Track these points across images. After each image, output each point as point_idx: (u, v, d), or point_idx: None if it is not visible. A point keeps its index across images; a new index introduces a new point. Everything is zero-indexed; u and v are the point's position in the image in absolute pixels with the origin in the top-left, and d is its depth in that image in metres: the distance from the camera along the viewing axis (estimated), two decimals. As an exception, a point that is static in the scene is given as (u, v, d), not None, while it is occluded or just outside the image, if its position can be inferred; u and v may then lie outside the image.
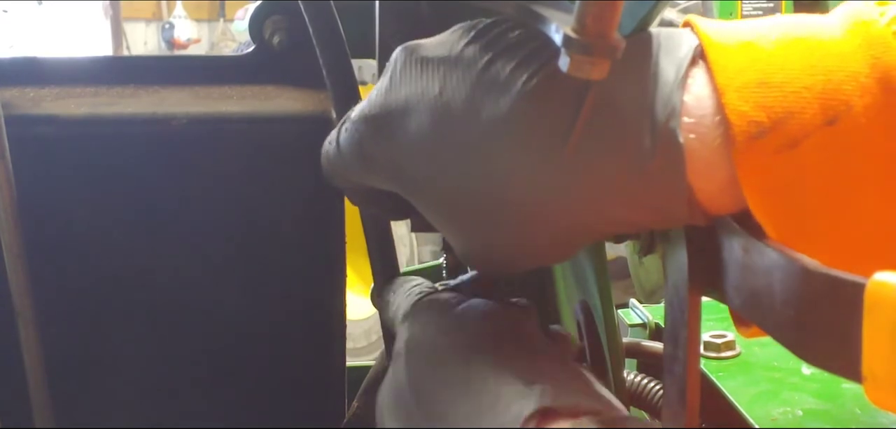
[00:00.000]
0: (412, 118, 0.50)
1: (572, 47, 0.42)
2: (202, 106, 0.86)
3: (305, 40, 0.76)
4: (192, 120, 0.84)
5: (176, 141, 0.84)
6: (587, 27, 0.41)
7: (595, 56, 0.42)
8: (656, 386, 0.84)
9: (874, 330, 0.33)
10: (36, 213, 0.79)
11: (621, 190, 0.45)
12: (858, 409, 0.87)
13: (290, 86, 0.90)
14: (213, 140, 0.85)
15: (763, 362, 0.99)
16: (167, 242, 0.86)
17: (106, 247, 0.85)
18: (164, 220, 0.86)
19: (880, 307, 0.33)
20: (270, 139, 0.87)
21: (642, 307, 1.17)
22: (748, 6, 2.81)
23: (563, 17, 0.44)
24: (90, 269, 0.85)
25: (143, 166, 0.84)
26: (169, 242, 0.87)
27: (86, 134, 0.82)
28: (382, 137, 0.52)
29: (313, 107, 0.87)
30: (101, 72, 0.89)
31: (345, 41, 0.73)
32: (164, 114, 0.84)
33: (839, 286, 0.36)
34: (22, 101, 0.83)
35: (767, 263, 0.43)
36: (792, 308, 0.40)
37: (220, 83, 0.90)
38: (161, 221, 0.86)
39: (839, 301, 0.36)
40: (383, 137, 0.52)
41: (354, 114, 0.56)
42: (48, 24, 7.76)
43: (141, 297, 0.87)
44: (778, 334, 0.43)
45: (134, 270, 0.86)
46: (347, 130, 0.56)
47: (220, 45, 8.03)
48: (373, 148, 0.53)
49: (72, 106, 0.84)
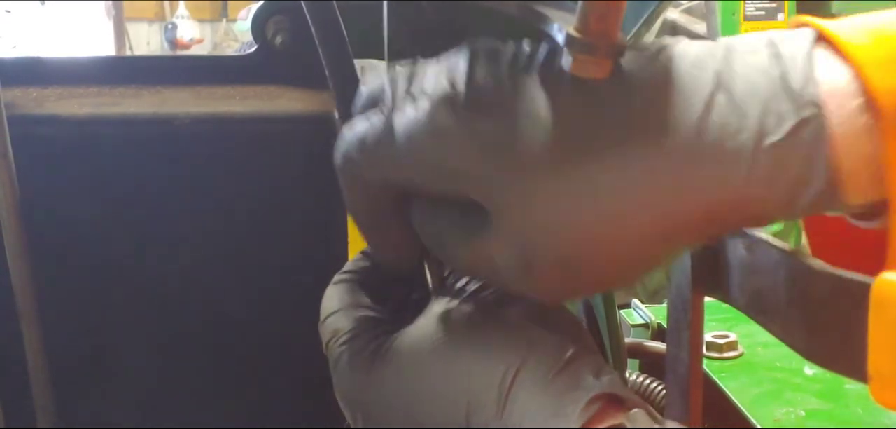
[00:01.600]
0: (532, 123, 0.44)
1: (575, 47, 0.42)
2: (205, 106, 0.86)
3: (308, 40, 0.76)
4: (195, 120, 0.84)
5: (178, 141, 0.84)
6: (590, 27, 0.41)
7: (598, 56, 0.42)
8: (659, 386, 0.84)
9: (880, 329, 0.33)
10: (39, 213, 0.79)
11: (756, 166, 0.41)
12: (861, 409, 0.87)
13: (293, 86, 0.90)
14: (216, 140, 0.85)
15: (766, 363, 0.99)
16: (169, 243, 0.86)
17: (108, 247, 0.85)
18: (166, 220, 0.86)
19: (886, 306, 0.33)
20: (273, 139, 0.86)
21: (645, 307, 1.17)
22: (751, 6, 2.81)
23: (565, 17, 0.44)
24: (92, 269, 0.85)
25: (146, 166, 0.84)
26: (171, 242, 0.86)
27: (88, 134, 0.82)
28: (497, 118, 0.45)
29: (316, 107, 0.87)
30: (103, 72, 0.89)
31: (347, 41, 0.73)
32: (166, 114, 0.84)
33: (845, 286, 0.36)
34: (25, 101, 0.83)
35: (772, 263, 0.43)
36: (797, 308, 0.40)
37: (223, 83, 0.90)
38: (163, 221, 0.86)
39: (845, 301, 0.36)
40: (496, 120, 0.45)
41: (434, 89, 0.47)
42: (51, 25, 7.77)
43: (143, 297, 0.87)
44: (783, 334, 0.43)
45: (136, 269, 0.86)
46: (424, 110, 0.47)
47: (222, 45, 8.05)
48: (473, 132, 0.45)
49: (74, 106, 0.84)
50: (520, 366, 0.47)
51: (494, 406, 0.47)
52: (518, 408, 0.46)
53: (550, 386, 0.46)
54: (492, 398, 0.47)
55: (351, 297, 0.60)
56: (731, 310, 0.57)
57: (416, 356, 0.51)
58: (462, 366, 0.49)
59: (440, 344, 0.51)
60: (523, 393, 0.46)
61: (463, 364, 0.49)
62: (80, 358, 0.85)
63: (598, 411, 0.44)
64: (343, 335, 0.58)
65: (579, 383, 0.46)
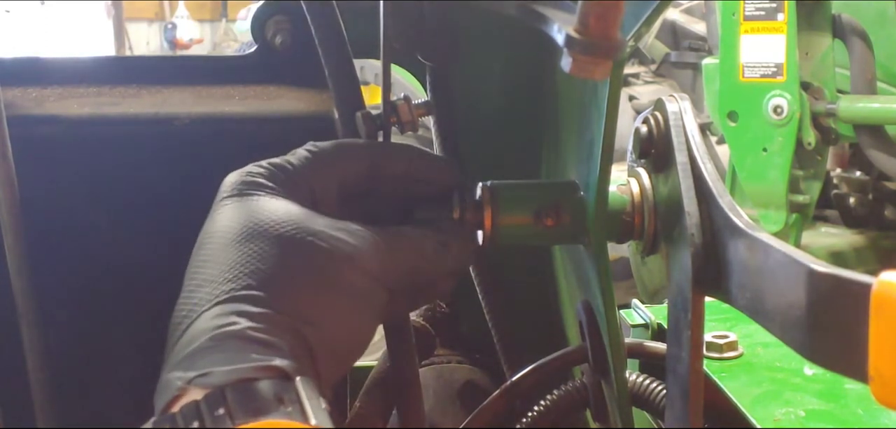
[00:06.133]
0: None
1: (575, 47, 0.42)
2: (204, 106, 0.86)
3: (307, 40, 0.76)
4: (195, 120, 0.84)
5: (178, 141, 0.84)
6: (590, 27, 0.41)
7: (598, 56, 0.42)
8: (659, 387, 0.84)
9: (881, 330, 0.33)
10: (39, 213, 0.79)
11: None
12: (861, 409, 0.87)
13: (293, 86, 0.90)
14: (216, 140, 0.85)
15: (766, 363, 0.99)
16: (170, 242, 0.86)
17: (109, 247, 0.85)
18: (166, 219, 0.86)
19: (887, 307, 0.33)
20: (273, 139, 0.86)
21: (644, 307, 1.17)
22: (751, 6, 2.81)
23: (565, 18, 0.44)
24: (92, 268, 0.85)
25: (146, 166, 0.84)
26: (171, 242, 0.86)
27: (88, 134, 0.82)
28: None
29: (315, 107, 0.87)
30: (103, 72, 0.89)
31: (347, 41, 0.73)
32: (166, 114, 0.84)
33: (846, 287, 0.36)
34: (25, 101, 0.83)
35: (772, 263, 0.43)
36: (798, 309, 0.40)
37: (223, 83, 0.90)
38: (164, 220, 0.86)
39: (846, 301, 0.36)
40: None
41: None
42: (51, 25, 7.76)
43: (144, 296, 0.87)
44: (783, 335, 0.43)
45: (136, 269, 0.86)
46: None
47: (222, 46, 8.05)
48: None
49: (74, 106, 0.84)
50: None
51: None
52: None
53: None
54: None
55: None
56: (731, 310, 0.57)
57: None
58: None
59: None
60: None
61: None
62: (80, 358, 0.85)
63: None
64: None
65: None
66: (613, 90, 0.63)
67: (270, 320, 0.53)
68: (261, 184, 0.61)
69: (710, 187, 0.60)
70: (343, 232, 0.59)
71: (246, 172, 0.62)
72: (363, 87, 0.74)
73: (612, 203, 0.71)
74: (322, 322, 0.56)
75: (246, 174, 0.62)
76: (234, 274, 0.54)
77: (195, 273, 0.57)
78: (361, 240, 0.59)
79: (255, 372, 0.49)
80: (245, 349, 0.50)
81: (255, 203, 0.59)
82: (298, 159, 0.64)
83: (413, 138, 3.82)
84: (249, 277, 0.54)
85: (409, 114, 0.71)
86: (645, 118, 0.70)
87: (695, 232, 0.59)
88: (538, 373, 0.88)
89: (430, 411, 1.10)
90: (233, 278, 0.54)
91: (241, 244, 0.56)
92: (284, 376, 0.49)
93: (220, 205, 0.61)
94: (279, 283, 0.55)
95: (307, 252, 0.56)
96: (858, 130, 2.82)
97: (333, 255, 0.57)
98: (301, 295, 0.55)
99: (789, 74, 2.78)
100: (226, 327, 0.51)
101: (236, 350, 0.50)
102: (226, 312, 0.52)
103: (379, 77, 0.77)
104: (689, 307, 0.60)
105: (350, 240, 0.59)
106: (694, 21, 4.22)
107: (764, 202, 2.90)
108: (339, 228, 0.59)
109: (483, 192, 0.70)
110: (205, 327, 0.52)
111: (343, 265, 0.58)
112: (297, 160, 0.64)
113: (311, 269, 0.56)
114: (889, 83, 2.90)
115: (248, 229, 0.57)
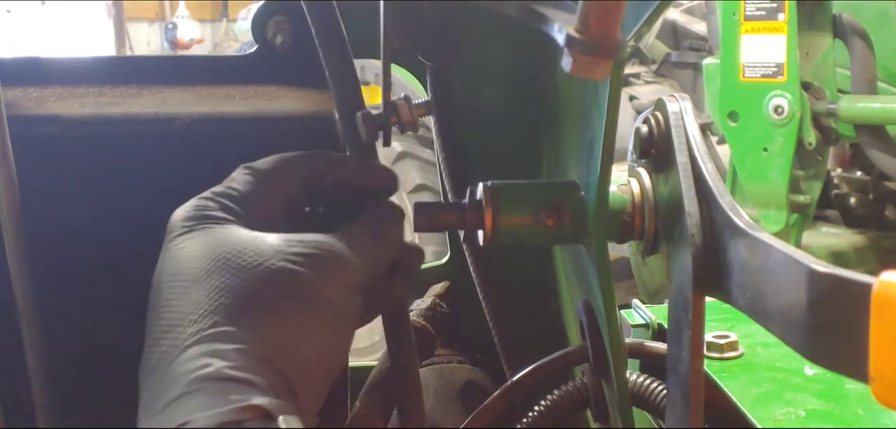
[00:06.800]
0: None
1: (575, 47, 0.42)
2: (205, 106, 0.86)
3: (308, 40, 0.76)
4: (195, 120, 0.84)
5: (179, 141, 0.84)
6: (590, 27, 0.41)
7: (599, 56, 0.42)
8: (659, 387, 0.84)
9: (881, 330, 0.33)
10: (39, 213, 0.79)
11: None
12: (861, 409, 0.87)
13: (293, 86, 0.90)
14: (216, 140, 0.85)
15: (766, 363, 0.99)
16: (170, 243, 0.86)
17: (109, 247, 0.85)
18: (166, 219, 0.86)
19: (888, 307, 0.33)
20: (273, 139, 0.86)
21: (645, 308, 1.17)
22: (751, 6, 2.81)
23: (565, 18, 0.44)
24: (93, 269, 0.85)
25: (147, 166, 0.84)
26: (172, 243, 0.86)
27: (89, 134, 0.82)
28: None
29: (316, 107, 0.87)
30: (104, 72, 0.89)
31: (347, 41, 0.73)
32: (167, 114, 0.84)
33: (846, 287, 0.36)
34: (25, 101, 0.83)
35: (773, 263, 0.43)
36: (798, 309, 0.40)
37: (223, 83, 0.90)
38: (164, 220, 0.86)
39: (846, 302, 0.36)
40: None
41: None
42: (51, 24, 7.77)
43: (144, 296, 0.87)
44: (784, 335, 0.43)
45: (137, 269, 0.86)
46: None
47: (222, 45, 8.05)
48: None
49: (75, 106, 0.83)
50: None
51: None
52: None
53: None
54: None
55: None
56: (731, 310, 0.57)
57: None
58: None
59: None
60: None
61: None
62: (80, 358, 0.85)
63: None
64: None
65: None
66: (614, 90, 0.63)
67: (245, 355, 0.51)
68: (213, 215, 0.59)
69: (710, 187, 0.60)
70: (308, 247, 0.57)
71: (193, 206, 0.61)
72: (363, 87, 0.74)
73: (612, 203, 0.71)
74: (298, 345, 0.54)
75: (194, 209, 0.60)
76: (201, 313, 0.53)
77: (160, 318, 0.55)
78: (328, 250, 0.58)
79: (237, 414, 0.48)
80: (223, 391, 0.49)
81: (211, 236, 0.57)
82: (242, 184, 0.63)
83: (413, 138, 3.83)
84: (217, 314, 0.53)
85: (410, 114, 0.71)
86: (645, 118, 0.70)
87: (695, 232, 0.59)
88: (539, 373, 0.88)
89: (430, 411, 1.10)
90: (199, 318, 0.53)
91: (203, 281, 0.54)
92: (266, 416, 0.48)
93: (173, 243, 0.59)
94: (249, 315, 0.53)
95: (275, 279, 0.55)
96: (859, 129, 2.82)
97: (303, 275, 0.56)
98: (273, 323, 0.54)
99: (790, 74, 2.79)
100: (200, 371, 0.50)
101: (214, 394, 0.49)
102: (198, 353, 0.51)
103: (379, 77, 0.77)
104: (690, 307, 0.60)
105: (316, 253, 0.57)
106: (694, 21, 4.22)
107: (764, 202, 2.90)
108: (303, 243, 0.57)
109: (484, 192, 0.70)
110: (179, 372, 0.51)
111: (318, 282, 0.56)
112: (242, 185, 0.62)
113: (281, 294, 0.55)
114: (890, 83, 2.90)
115: (209, 264, 0.55)
